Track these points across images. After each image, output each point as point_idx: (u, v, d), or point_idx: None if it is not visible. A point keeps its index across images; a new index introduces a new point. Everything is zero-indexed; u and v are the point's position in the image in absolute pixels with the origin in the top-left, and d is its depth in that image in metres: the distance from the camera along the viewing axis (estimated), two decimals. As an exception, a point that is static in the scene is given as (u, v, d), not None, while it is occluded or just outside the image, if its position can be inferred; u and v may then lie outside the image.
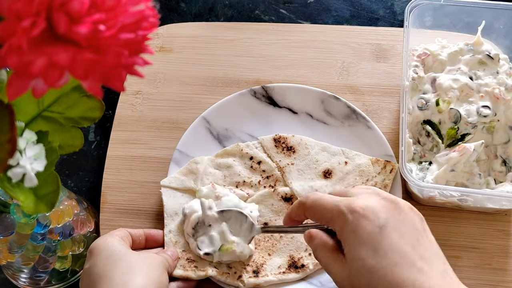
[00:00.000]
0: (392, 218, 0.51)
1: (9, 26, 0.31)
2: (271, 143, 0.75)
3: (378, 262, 0.48)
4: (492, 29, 0.77)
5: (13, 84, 0.33)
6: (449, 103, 0.73)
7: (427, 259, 0.49)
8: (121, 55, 0.34)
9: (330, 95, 0.78)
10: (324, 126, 0.78)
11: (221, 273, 0.66)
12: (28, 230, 0.62)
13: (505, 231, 0.71)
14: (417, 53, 0.77)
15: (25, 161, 0.39)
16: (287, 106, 0.79)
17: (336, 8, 0.93)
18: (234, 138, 0.78)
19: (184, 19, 0.93)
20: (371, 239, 0.49)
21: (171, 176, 0.73)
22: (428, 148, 0.73)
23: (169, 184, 0.72)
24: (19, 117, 0.42)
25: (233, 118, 0.78)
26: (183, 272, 0.66)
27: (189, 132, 0.76)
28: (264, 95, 0.79)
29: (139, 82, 0.83)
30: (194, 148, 0.76)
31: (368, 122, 0.76)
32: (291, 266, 0.68)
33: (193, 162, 0.74)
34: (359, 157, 0.74)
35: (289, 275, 0.67)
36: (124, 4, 0.34)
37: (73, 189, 0.79)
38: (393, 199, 0.53)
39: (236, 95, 0.79)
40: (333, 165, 0.74)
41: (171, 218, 0.70)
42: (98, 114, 0.47)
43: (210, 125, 0.78)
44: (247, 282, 0.66)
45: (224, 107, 0.78)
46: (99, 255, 0.60)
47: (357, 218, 0.50)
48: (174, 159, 0.75)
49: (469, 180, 0.69)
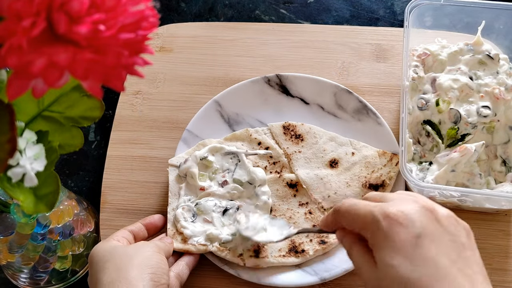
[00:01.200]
0: (430, 228, 0.47)
1: (9, 26, 0.31)
2: (280, 130, 0.76)
3: (412, 272, 0.45)
4: (492, 29, 0.77)
5: (13, 84, 0.33)
6: (449, 103, 0.73)
7: (470, 275, 0.45)
8: (121, 55, 0.34)
9: (343, 89, 0.78)
10: (334, 119, 0.78)
11: (221, 249, 0.67)
12: (28, 230, 0.62)
13: (505, 231, 0.71)
14: (417, 53, 0.77)
15: (25, 161, 0.39)
16: (300, 96, 0.80)
17: (336, 8, 0.93)
18: (244, 123, 0.78)
19: (184, 19, 0.93)
20: (405, 247, 0.46)
21: (179, 155, 0.74)
22: (428, 148, 0.73)
23: (177, 163, 0.73)
24: (19, 117, 0.42)
25: (245, 104, 0.79)
26: (183, 246, 0.67)
27: (200, 113, 0.77)
28: (278, 83, 0.80)
29: (139, 82, 0.83)
30: (204, 129, 0.77)
31: (378, 118, 0.76)
32: (291, 250, 0.68)
33: (201, 144, 0.74)
34: (366, 149, 0.74)
35: (288, 258, 0.68)
36: (124, 4, 0.34)
37: (73, 189, 0.79)
38: (433, 207, 0.49)
39: (249, 81, 0.80)
40: (340, 155, 0.74)
41: (175, 197, 0.71)
42: (98, 113, 0.47)
43: (221, 108, 0.78)
44: (247, 261, 0.67)
45: (237, 92, 0.79)
46: (92, 263, 0.60)
47: (391, 224, 0.47)
48: (183, 138, 0.76)
49: (469, 180, 0.69)
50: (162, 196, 0.75)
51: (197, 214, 0.70)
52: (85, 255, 0.71)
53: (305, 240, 0.69)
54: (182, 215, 0.69)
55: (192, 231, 0.68)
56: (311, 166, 0.74)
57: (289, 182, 0.73)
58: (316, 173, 0.73)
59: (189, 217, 0.70)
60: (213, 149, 0.74)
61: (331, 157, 0.74)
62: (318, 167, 0.73)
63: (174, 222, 0.69)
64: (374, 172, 0.72)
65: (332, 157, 0.74)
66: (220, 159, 0.73)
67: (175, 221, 0.69)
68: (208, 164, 0.73)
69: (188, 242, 0.68)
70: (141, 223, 0.68)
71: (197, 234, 0.68)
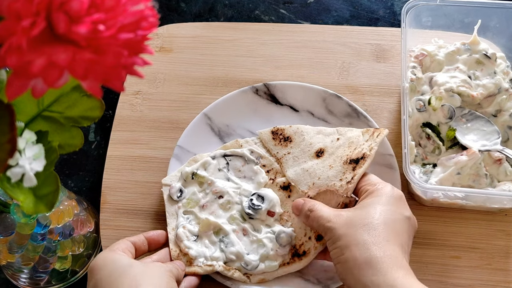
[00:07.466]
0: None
1: (9, 26, 0.31)
2: (269, 136, 0.75)
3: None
4: (488, 28, 0.77)
5: (12, 84, 0.33)
6: (441, 99, 0.72)
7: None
8: (120, 55, 0.34)
9: (331, 94, 0.78)
10: (325, 124, 0.78)
11: (228, 268, 0.67)
12: (28, 230, 0.62)
13: (505, 231, 0.71)
14: (414, 54, 0.77)
15: (24, 161, 0.39)
16: (289, 103, 0.79)
17: (336, 8, 0.93)
18: (235, 135, 0.78)
19: (184, 19, 0.93)
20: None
21: (172, 174, 0.73)
22: (430, 150, 0.73)
23: (170, 183, 0.73)
24: (19, 117, 0.42)
25: (234, 115, 0.78)
26: (188, 268, 0.66)
27: (190, 128, 0.77)
28: (266, 93, 0.80)
29: (139, 82, 0.83)
30: (195, 144, 0.76)
31: (369, 121, 0.76)
32: (294, 256, 0.68)
33: (193, 160, 0.74)
34: (351, 131, 0.72)
35: (293, 265, 0.67)
36: (124, 4, 0.34)
37: (73, 189, 0.79)
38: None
39: (237, 92, 0.79)
40: (326, 144, 0.72)
41: (173, 216, 0.71)
42: (98, 113, 0.47)
43: (211, 121, 0.78)
44: (253, 278, 0.67)
45: (226, 103, 0.78)
46: (102, 271, 0.58)
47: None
48: (175, 155, 0.75)
49: (475, 181, 0.69)
50: (162, 196, 0.75)
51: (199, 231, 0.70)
52: (85, 255, 0.71)
53: (304, 239, 0.68)
54: (184, 234, 0.68)
55: (196, 251, 0.67)
56: (298, 162, 0.72)
57: (282, 185, 0.72)
58: (303, 167, 0.71)
59: (190, 236, 0.69)
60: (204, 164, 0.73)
61: (317, 148, 0.72)
62: (305, 161, 0.72)
63: (176, 242, 0.68)
64: (356, 149, 0.70)
65: (318, 147, 0.72)
66: (212, 171, 0.73)
67: (177, 241, 0.68)
68: (201, 180, 0.72)
69: (193, 263, 0.67)
70: (144, 237, 0.67)
71: (201, 254, 0.67)
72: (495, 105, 0.74)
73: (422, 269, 0.69)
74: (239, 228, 0.70)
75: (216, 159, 0.74)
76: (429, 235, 0.71)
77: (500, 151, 0.69)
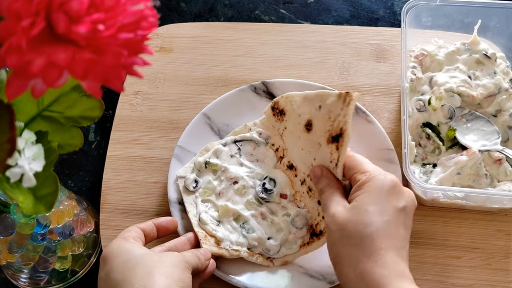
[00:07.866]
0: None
1: (8, 26, 0.31)
2: (270, 113, 0.73)
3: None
4: (488, 28, 0.77)
5: (12, 84, 0.33)
6: (441, 99, 0.72)
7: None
8: (120, 55, 0.34)
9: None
10: None
11: (252, 254, 0.68)
12: (28, 230, 0.62)
13: (505, 231, 0.71)
14: (414, 54, 0.77)
15: (23, 161, 0.39)
16: None
17: (336, 8, 0.93)
18: None
19: (184, 19, 0.93)
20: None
21: (185, 165, 0.74)
22: (430, 150, 0.73)
23: (185, 174, 0.73)
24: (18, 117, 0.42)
25: (233, 114, 0.78)
26: (217, 249, 0.67)
27: (190, 128, 0.77)
28: (265, 91, 0.80)
29: (139, 82, 0.83)
30: (195, 144, 0.76)
31: (368, 116, 0.76)
32: (312, 235, 0.68)
33: (204, 149, 0.74)
34: (329, 97, 0.65)
35: (313, 244, 0.67)
36: (124, 3, 0.34)
37: (73, 189, 0.79)
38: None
39: (236, 90, 0.79)
40: (312, 113, 0.67)
41: (193, 205, 0.71)
42: (98, 113, 0.47)
43: (211, 121, 0.78)
44: (276, 261, 0.68)
45: (225, 103, 0.78)
46: (115, 260, 0.57)
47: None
48: (175, 155, 0.75)
49: (475, 181, 0.69)
50: (162, 196, 0.75)
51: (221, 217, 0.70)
52: (85, 255, 0.71)
53: (318, 219, 0.67)
54: (208, 218, 0.69)
55: (222, 234, 0.68)
56: (293, 138, 0.70)
57: (288, 165, 0.72)
58: (298, 144, 0.69)
59: (214, 220, 0.70)
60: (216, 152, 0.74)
61: (305, 121, 0.68)
62: (299, 136, 0.69)
63: (200, 226, 0.69)
64: (335, 121, 0.64)
65: (306, 119, 0.68)
66: (225, 158, 0.74)
67: (200, 225, 0.69)
68: (214, 168, 0.73)
69: (221, 245, 0.68)
70: (153, 223, 0.66)
71: (227, 237, 0.68)
72: (495, 105, 0.74)
73: (422, 269, 0.69)
74: (257, 213, 0.70)
75: (228, 146, 0.74)
76: (429, 235, 0.71)
77: (500, 151, 0.69)
